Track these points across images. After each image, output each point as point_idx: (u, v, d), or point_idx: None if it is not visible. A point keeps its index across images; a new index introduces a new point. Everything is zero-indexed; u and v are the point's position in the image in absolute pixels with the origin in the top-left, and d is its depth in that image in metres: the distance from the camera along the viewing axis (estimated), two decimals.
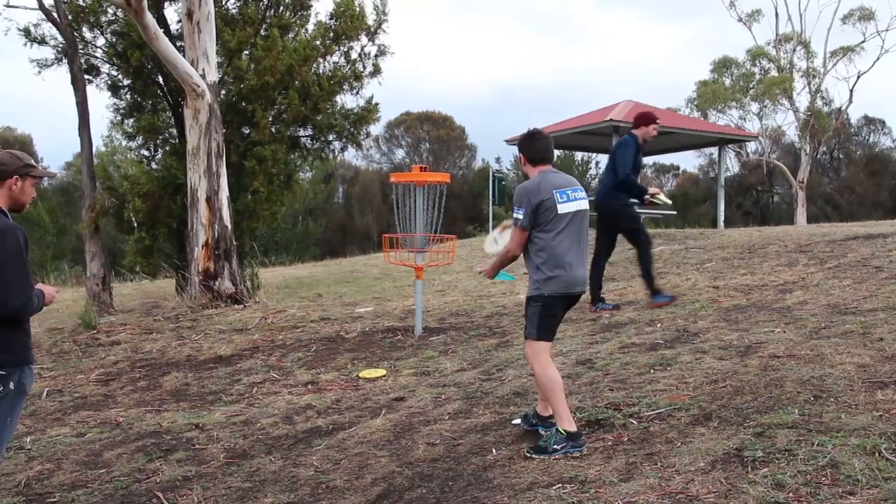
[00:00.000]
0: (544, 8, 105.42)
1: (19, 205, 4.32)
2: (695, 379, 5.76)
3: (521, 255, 5.21)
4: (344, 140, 16.48)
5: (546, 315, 5.08)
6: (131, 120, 16.11)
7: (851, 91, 43.70)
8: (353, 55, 16.21)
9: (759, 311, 7.91)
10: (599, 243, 9.09)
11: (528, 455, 4.91)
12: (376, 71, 16.30)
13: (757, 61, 43.88)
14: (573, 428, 4.92)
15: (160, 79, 15.35)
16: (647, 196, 8.86)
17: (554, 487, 4.30)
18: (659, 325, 7.91)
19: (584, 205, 5.15)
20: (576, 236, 5.11)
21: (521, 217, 5.04)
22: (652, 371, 6.19)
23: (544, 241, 5.05)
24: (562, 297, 5.10)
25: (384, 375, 7.72)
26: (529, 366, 5.43)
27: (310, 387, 7.66)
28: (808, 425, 4.53)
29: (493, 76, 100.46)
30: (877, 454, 4.00)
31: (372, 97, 16.40)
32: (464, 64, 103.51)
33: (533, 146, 5.24)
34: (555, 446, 4.86)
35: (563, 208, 5.04)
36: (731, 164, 49.91)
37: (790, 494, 3.74)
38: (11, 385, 4.08)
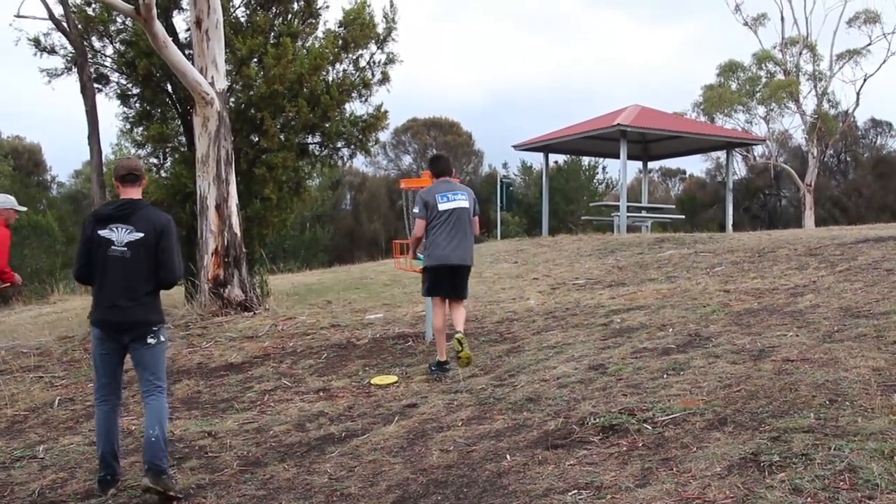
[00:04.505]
0: (540, 10, 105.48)
1: None
2: (708, 383, 5.75)
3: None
4: (353, 147, 16.47)
5: (430, 279, 7.72)
6: (140, 128, 16.14)
7: (858, 94, 43.48)
8: (362, 63, 16.21)
9: (770, 315, 7.89)
10: None
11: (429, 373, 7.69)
12: (385, 79, 16.29)
13: (763, 65, 43.77)
14: (444, 358, 7.71)
15: (169, 87, 15.38)
16: None
17: (570, 493, 4.29)
18: (671, 329, 7.90)
19: (462, 203, 7.58)
20: (455, 225, 7.50)
21: (418, 210, 7.61)
22: (665, 376, 6.18)
23: (429, 230, 7.56)
24: (437, 268, 7.61)
25: (396, 382, 7.72)
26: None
27: (322, 394, 7.66)
28: (825, 429, 4.51)
29: (491, 80, 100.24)
30: (895, 458, 3.98)
31: (381, 105, 16.36)
32: (463, 68, 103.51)
33: (436, 166, 7.89)
34: (432, 367, 7.74)
35: (442, 206, 7.51)
36: (739, 168, 49.77)
37: (808, 499, 3.73)
38: (164, 337, 5.63)
